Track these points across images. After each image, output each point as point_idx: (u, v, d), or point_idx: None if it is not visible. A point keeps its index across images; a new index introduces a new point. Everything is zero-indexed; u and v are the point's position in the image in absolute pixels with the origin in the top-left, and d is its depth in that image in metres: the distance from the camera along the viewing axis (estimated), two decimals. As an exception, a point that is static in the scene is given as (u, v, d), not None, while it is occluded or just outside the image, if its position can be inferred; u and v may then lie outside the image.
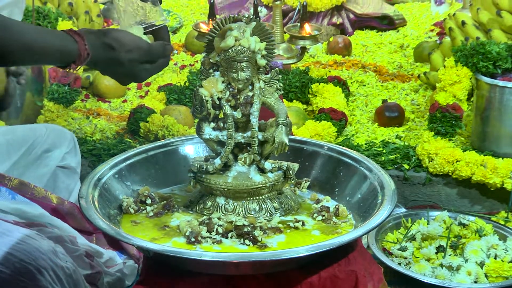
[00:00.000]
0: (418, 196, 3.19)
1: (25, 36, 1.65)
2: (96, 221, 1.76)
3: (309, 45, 3.63)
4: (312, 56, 4.47)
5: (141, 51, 1.77)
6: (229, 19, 1.90)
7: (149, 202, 1.97)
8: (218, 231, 1.82)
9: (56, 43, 1.68)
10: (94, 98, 3.92)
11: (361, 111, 3.75)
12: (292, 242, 1.81)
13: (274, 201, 1.93)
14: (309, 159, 2.12)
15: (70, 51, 1.69)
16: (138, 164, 2.08)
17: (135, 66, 1.77)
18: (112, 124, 3.57)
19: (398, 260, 2.69)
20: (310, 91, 3.70)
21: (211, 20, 3.55)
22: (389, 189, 1.91)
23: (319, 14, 4.84)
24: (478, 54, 3.22)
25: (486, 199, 3.15)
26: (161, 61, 1.83)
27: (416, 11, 5.23)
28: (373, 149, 3.30)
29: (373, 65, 4.31)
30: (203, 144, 2.04)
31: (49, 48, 1.68)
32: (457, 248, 2.72)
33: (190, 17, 5.32)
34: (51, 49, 1.68)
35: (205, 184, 1.92)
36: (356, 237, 1.76)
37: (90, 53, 1.70)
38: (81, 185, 1.92)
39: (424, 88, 3.94)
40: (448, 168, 3.12)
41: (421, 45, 4.37)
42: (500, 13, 3.65)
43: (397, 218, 2.92)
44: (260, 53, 1.88)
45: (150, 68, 1.80)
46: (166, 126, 3.34)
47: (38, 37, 1.68)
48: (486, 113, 3.17)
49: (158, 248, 1.70)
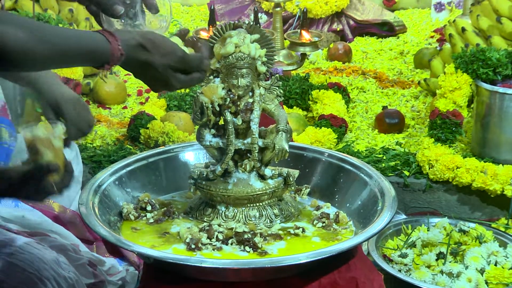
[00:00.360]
0: (418, 202, 3.19)
1: (56, 39, 1.62)
2: (96, 228, 1.76)
3: (309, 51, 3.63)
4: (312, 63, 4.48)
5: (175, 58, 1.71)
6: (229, 25, 1.90)
7: (150, 209, 1.97)
8: (218, 238, 1.82)
9: (88, 44, 1.65)
10: (94, 104, 3.92)
11: (361, 117, 3.75)
12: (293, 248, 1.82)
13: (274, 208, 1.93)
14: (309, 166, 2.12)
15: (102, 51, 1.65)
16: (139, 171, 2.08)
17: (167, 72, 1.72)
18: (112, 131, 3.57)
19: (398, 267, 2.69)
20: (310, 97, 3.70)
21: (211, 27, 3.55)
22: (389, 196, 1.91)
23: (319, 20, 4.85)
24: (478, 61, 3.22)
25: (486, 205, 3.15)
26: (196, 75, 1.77)
27: (416, 18, 5.24)
28: (373, 156, 3.30)
29: (373, 71, 4.31)
30: (203, 150, 2.04)
31: (81, 50, 1.65)
32: (458, 255, 2.71)
33: (191, 23, 5.32)
34: (83, 50, 1.65)
35: (205, 190, 1.92)
36: (356, 244, 1.76)
37: (123, 53, 1.66)
38: (81, 191, 1.92)
39: (424, 95, 3.95)
40: (448, 174, 3.12)
41: (421, 51, 4.37)
42: (500, 19, 3.65)
43: (397, 224, 2.92)
44: (260, 60, 1.88)
45: (183, 79, 1.74)
46: (166, 132, 3.34)
47: (70, 39, 1.65)
48: (486, 119, 3.17)
49: (158, 255, 1.70)
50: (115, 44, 1.66)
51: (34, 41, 1.58)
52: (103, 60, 1.66)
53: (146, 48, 1.69)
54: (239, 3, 5.21)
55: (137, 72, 1.73)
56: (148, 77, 1.73)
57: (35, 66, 1.67)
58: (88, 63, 1.69)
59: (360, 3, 5.04)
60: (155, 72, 1.70)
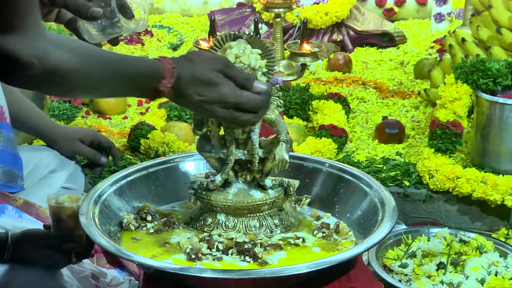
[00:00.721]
0: (418, 212, 3.19)
1: (109, 61, 1.60)
2: (96, 238, 1.76)
3: (309, 62, 3.64)
4: (312, 73, 4.49)
5: (219, 61, 1.68)
6: (229, 36, 1.90)
7: (150, 219, 1.97)
8: (218, 248, 1.82)
9: (141, 65, 1.63)
10: (94, 114, 3.92)
11: (361, 127, 3.75)
12: (293, 259, 1.81)
13: (274, 218, 1.93)
14: (309, 176, 2.12)
15: (156, 69, 1.62)
16: (139, 181, 2.08)
17: (217, 76, 1.67)
18: (112, 141, 3.57)
19: (398, 277, 2.69)
20: (310, 107, 3.70)
21: (211, 37, 3.56)
22: (389, 206, 1.90)
23: (319, 31, 4.86)
24: (478, 71, 3.23)
25: (486, 216, 3.15)
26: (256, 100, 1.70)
27: (416, 28, 5.25)
28: (373, 166, 3.30)
29: (373, 82, 4.32)
30: (203, 161, 2.04)
31: (136, 71, 1.63)
32: (458, 265, 2.71)
33: (191, 34, 5.33)
34: (138, 71, 1.63)
35: (205, 200, 1.92)
36: (356, 254, 1.76)
37: (175, 67, 1.63)
38: (81, 202, 1.92)
39: (424, 105, 3.95)
40: (449, 184, 3.12)
41: (421, 62, 4.38)
42: (500, 30, 3.66)
43: (398, 235, 2.92)
44: (260, 71, 1.88)
45: (235, 90, 1.68)
46: (166, 142, 3.34)
47: (122, 61, 1.62)
48: (486, 130, 3.18)
49: (158, 265, 1.70)
50: (166, 62, 1.63)
51: (87, 66, 1.56)
52: (158, 77, 1.63)
53: (190, 59, 1.67)
54: (240, 14, 5.22)
55: (189, 88, 1.66)
56: (200, 88, 1.67)
57: (88, 92, 1.65)
58: (144, 86, 1.65)
59: (360, 13, 5.05)
60: (205, 78, 1.66)
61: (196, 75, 1.65)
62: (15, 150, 2.47)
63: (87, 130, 2.76)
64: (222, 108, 1.68)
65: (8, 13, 1.41)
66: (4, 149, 2.42)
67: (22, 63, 1.44)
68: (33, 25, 1.45)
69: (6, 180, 2.42)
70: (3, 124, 2.43)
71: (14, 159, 2.46)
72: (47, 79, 1.50)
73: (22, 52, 1.43)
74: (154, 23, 5.41)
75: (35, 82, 1.50)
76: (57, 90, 1.59)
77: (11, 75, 1.47)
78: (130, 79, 1.63)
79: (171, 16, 5.66)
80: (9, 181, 2.43)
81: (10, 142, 2.45)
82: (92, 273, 2.37)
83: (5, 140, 2.42)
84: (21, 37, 1.43)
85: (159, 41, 5.09)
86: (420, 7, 5.44)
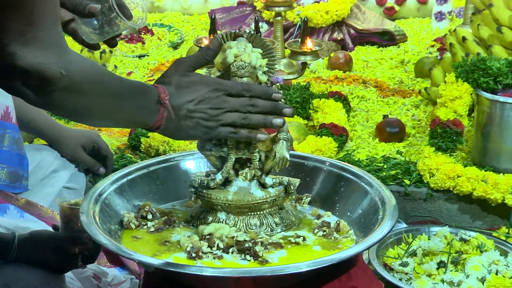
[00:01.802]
0: (419, 211, 3.19)
1: (115, 87, 1.62)
2: (97, 237, 1.76)
3: (310, 60, 3.64)
4: (313, 72, 4.48)
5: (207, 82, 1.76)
6: (230, 34, 1.90)
7: (150, 218, 1.97)
8: (219, 247, 1.82)
9: (137, 90, 1.66)
10: (95, 113, 3.92)
11: (362, 126, 3.75)
12: (293, 257, 1.81)
13: (275, 217, 1.93)
14: (310, 175, 2.12)
15: (151, 92, 1.67)
16: (139, 180, 2.08)
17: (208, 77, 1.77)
18: (113, 139, 3.57)
19: (399, 276, 2.69)
20: (311, 106, 3.70)
21: (212, 36, 3.56)
22: (390, 205, 1.91)
23: (320, 29, 4.85)
24: (479, 70, 3.23)
25: (487, 214, 3.15)
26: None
27: (416, 27, 5.25)
28: (374, 165, 3.30)
29: (374, 80, 4.32)
30: (204, 159, 2.04)
31: (135, 96, 1.65)
32: (458, 264, 2.71)
33: (191, 32, 5.33)
34: (137, 96, 1.65)
35: (206, 199, 1.92)
36: (357, 253, 1.76)
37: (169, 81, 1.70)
38: (82, 200, 1.93)
39: (425, 104, 3.95)
40: (449, 183, 3.12)
41: (422, 60, 4.37)
42: (500, 29, 3.66)
43: (398, 233, 2.91)
44: (261, 70, 1.88)
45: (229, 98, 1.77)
46: (167, 141, 3.34)
47: (123, 85, 1.65)
48: (486, 128, 3.17)
49: (159, 264, 1.70)
50: (159, 86, 1.68)
51: (97, 91, 1.57)
52: (155, 97, 1.67)
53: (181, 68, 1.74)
54: (240, 12, 5.22)
55: (187, 92, 1.73)
56: (198, 93, 1.73)
57: (91, 118, 1.65)
58: (142, 111, 1.68)
59: (361, 12, 5.05)
60: (203, 83, 1.74)
61: (191, 85, 1.73)
62: (21, 150, 2.47)
63: (90, 134, 2.76)
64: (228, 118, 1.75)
65: (33, 25, 1.39)
66: (9, 149, 2.43)
67: (49, 76, 1.42)
68: (58, 37, 1.44)
69: (10, 181, 2.42)
70: (8, 124, 2.43)
71: (20, 159, 2.46)
72: (72, 92, 1.49)
73: (50, 65, 1.42)
74: (154, 22, 5.41)
75: (60, 97, 1.48)
76: (79, 105, 1.56)
77: (36, 91, 1.45)
78: (133, 105, 1.66)
79: (171, 14, 5.66)
80: (13, 181, 2.43)
81: (16, 142, 2.45)
82: (94, 273, 2.38)
83: (10, 140, 2.43)
84: (47, 50, 1.41)
85: (160, 39, 5.09)
86: (420, 6, 5.43)
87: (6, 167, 2.41)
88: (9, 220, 2.32)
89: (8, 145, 2.43)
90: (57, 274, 2.09)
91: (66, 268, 2.11)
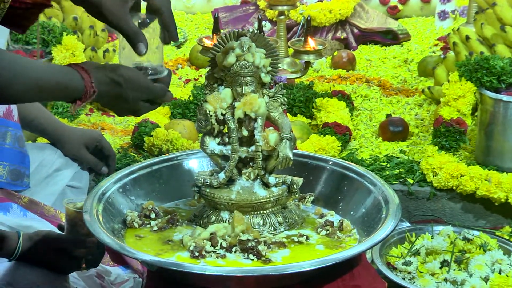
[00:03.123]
0: (422, 210, 3.18)
1: (31, 74, 1.66)
2: (100, 236, 1.76)
3: (313, 59, 3.63)
4: (316, 71, 4.48)
5: (145, 91, 1.77)
6: (233, 33, 1.90)
7: (153, 217, 1.97)
8: (222, 246, 1.82)
9: (62, 80, 1.69)
10: (98, 112, 3.92)
11: (365, 125, 3.75)
12: (296, 256, 1.81)
13: (278, 216, 1.93)
14: (313, 174, 2.12)
15: (76, 88, 1.69)
16: (142, 179, 2.08)
17: (137, 104, 1.78)
18: (116, 138, 3.58)
19: (402, 275, 2.69)
20: (314, 105, 3.70)
21: (215, 35, 3.55)
22: (393, 204, 1.90)
23: (323, 28, 4.85)
24: (482, 69, 3.23)
25: (490, 213, 3.15)
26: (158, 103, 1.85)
27: (420, 26, 5.24)
28: (377, 164, 3.30)
29: (377, 79, 4.32)
30: (207, 158, 2.05)
31: (54, 86, 1.69)
32: (462, 263, 2.71)
33: (195, 31, 5.33)
34: (56, 86, 1.69)
35: (209, 198, 1.92)
36: (360, 252, 1.76)
37: (96, 90, 1.70)
38: (85, 199, 1.93)
39: (428, 103, 3.95)
40: (452, 182, 3.12)
41: (425, 59, 4.37)
42: (504, 28, 3.65)
43: (401, 232, 2.92)
44: (264, 70, 1.88)
45: (148, 107, 1.81)
46: (170, 140, 3.34)
47: (44, 74, 1.68)
48: (490, 127, 3.17)
49: (162, 263, 1.70)
50: (88, 82, 1.70)
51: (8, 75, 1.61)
52: (75, 96, 1.70)
53: (119, 83, 1.74)
54: (243, 11, 5.22)
55: (107, 103, 1.79)
56: (118, 107, 1.79)
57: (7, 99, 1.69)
58: (61, 99, 1.75)
59: (364, 11, 5.04)
60: (125, 104, 1.76)
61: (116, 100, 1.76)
62: (22, 148, 2.47)
63: (93, 133, 2.75)
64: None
65: None
66: (11, 147, 2.43)
67: None
68: None
69: (12, 179, 2.42)
70: (10, 122, 2.43)
71: (22, 157, 2.47)
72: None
73: None
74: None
75: None
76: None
77: None
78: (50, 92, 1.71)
79: (174, 13, 5.62)
80: (15, 179, 2.43)
81: (17, 140, 2.45)
82: (97, 272, 2.38)
83: (12, 138, 2.43)
84: None
85: (163, 38, 5.08)
86: (424, 5, 5.43)
87: (7, 164, 2.41)
88: (12, 219, 2.32)
89: (10, 143, 2.43)
90: (61, 274, 2.09)
91: (69, 270, 2.11)
